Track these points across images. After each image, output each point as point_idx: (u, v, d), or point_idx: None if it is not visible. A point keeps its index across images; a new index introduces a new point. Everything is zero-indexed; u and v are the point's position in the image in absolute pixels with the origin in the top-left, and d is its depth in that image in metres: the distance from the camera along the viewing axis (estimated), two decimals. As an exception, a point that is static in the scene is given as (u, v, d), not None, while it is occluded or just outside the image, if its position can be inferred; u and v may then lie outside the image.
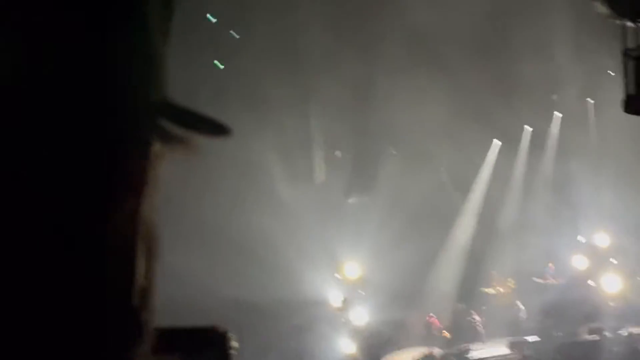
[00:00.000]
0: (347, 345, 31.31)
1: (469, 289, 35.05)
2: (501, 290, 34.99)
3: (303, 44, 32.74)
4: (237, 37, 32.91)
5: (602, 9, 15.93)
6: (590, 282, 34.89)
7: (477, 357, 31.81)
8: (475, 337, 32.72)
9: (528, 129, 37.18)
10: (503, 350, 31.98)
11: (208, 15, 31.95)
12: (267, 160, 33.24)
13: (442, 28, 32.58)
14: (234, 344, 1.95)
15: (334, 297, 33.56)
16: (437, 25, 32.32)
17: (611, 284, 34.34)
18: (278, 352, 29.83)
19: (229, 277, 29.81)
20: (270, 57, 32.29)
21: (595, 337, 32.43)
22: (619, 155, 34.96)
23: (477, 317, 33.10)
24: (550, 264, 35.59)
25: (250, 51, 31.88)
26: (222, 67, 32.80)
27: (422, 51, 32.84)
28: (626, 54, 15.87)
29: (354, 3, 32.68)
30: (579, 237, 37.00)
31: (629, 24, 16.03)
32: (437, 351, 31.61)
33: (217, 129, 1.87)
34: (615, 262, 35.64)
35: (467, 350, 31.85)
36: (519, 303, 33.64)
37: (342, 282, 34.38)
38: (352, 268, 34.80)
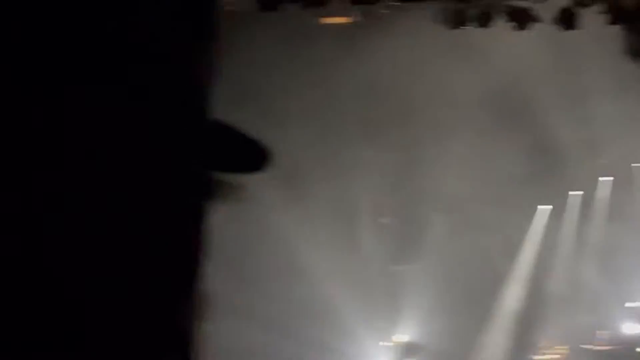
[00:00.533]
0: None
1: (518, 356, 34.60)
2: (551, 357, 34.54)
3: (343, 110, 32.70)
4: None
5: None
6: (638, 349, 34.49)
7: None
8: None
9: (575, 193, 36.82)
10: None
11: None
12: (309, 230, 33.09)
13: (484, 91, 32.53)
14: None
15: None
16: (479, 89, 32.27)
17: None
18: None
19: (265, 350, 29.61)
20: (310, 124, 32.25)
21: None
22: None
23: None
24: (600, 331, 35.12)
25: (289, 117, 31.84)
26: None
27: (466, 115, 32.75)
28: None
29: (396, 68, 32.60)
30: (628, 304, 36.53)
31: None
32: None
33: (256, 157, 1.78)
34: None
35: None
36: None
37: (389, 350, 34.02)
38: (399, 336, 34.56)
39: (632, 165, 36.45)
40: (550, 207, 36.73)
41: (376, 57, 31.71)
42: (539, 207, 36.75)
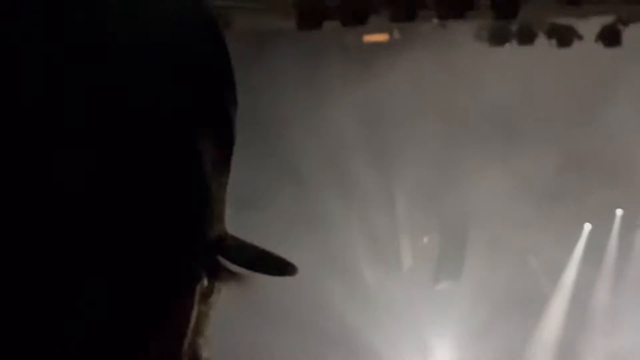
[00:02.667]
0: None
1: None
2: (594, 380, 33.95)
3: (384, 127, 32.55)
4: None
5: None
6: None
7: None
8: None
9: (619, 211, 36.31)
10: None
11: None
12: (352, 248, 32.98)
13: (529, 105, 32.28)
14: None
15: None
16: (525, 103, 32.03)
17: None
18: None
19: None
20: (354, 142, 32.14)
21: None
22: None
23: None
24: (643, 354, 34.50)
25: (334, 138, 31.77)
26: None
27: (508, 131, 32.45)
28: None
29: (436, 81, 32.40)
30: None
31: None
32: None
33: (283, 269, 1.71)
34: None
35: None
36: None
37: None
38: (441, 357, 34.31)
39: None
40: (591, 225, 36.33)
41: (416, 74, 31.50)
42: (586, 224, 36.34)
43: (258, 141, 29.63)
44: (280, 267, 1.67)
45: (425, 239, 35.73)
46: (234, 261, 1.62)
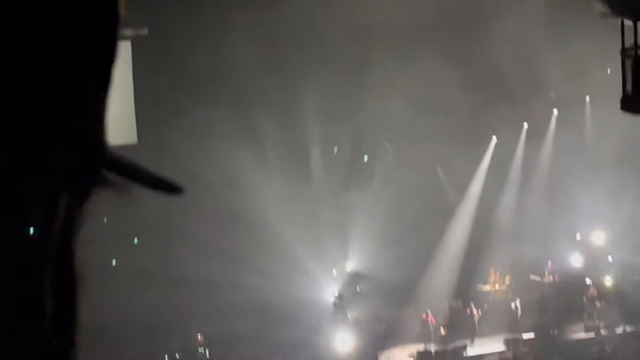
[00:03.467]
0: (345, 341, 31.28)
1: (465, 286, 34.99)
2: (497, 287, 34.94)
3: (293, 41, 32.76)
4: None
5: (601, 8, 15.88)
6: (587, 279, 34.86)
7: (472, 354, 31.83)
8: (471, 332, 32.73)
9: (525, 125, 37.12)
10: (498, 347, 31.99)
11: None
12: (263, 159, 33.43)
13: (441, 24, 32.74)
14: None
15: (331, 294, 33.62)
16: (434, 21, 32.48)
17: (607, 282, 34.42)
18: (280, 351, 29.86)
19: (227, 281, 29.96)
20: (262, 59, 32.45)
21: (590, 334, 32.48)
22: (614, 153, 35.02)
23: (475, 313, 33.06)
24: (549, 263, 35.54)
25: (240, 52, 32.02)
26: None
27: (418, 46, 32.86)
28: (624, 52, 15.83)
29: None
30: (577, 236, 36.99)
31: (627, 22, 15.99)
32: (433, 348, 31.62)
33: (168, 188, 1.86)
34: (611, 259, 35.67)
35: (464, 347, 31.88)
36: (516, 300, 33.58)
37: (339, 278, 34.46)
38: (348, 263, 35.03)
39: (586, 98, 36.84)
40: (496, 139, 37.08)
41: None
42: (493, 137, 37.05)
43: (163, 62, 30.14)
44: (166, 186, 1.85)
45: (335, 149, 36.12)
46: (116, 172, 1.77)
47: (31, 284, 1.69)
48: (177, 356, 30.71)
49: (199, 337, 31.77)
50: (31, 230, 1.70)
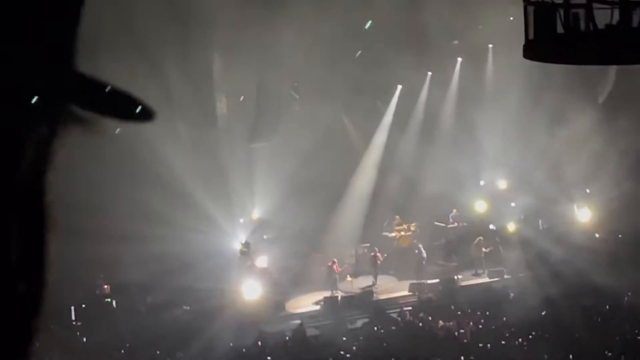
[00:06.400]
0: (251, 288, 31.43)
1: (371, 232, 35.33)
2: (403, 234, 35.32)
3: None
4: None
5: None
6: (491, 226, 35.41)
7: (378, 299, 32.25)
8: (374, 273, 33.16)
9: (429, 73, 37.40)
10: (403, 292, 32.44)
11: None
12: (169, 106, 33.24)
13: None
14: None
15: (238, 242, 33.72)
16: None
17: (510, 227, 35.03)
18: (186, 302, 29.96)
19: (133, 232, 29.87)
20: (168, 5, 32.26)
21: (495, 279, 33.06)
22: (517, 99, 35.51)
23: (379, 257, 33.38)
24: (454, 210, 35.99)
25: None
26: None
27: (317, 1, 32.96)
28: (526, 0, 15.99)
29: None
30: (481, 182, 37.48)
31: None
32: (339, 294, 31.94)
33: (137, 112, 1.81)
34: (513, 205, 36.26)
35: (370, 293, 32.28)
36: (420, 246, 33.97)
37: (246, 226, 34.56)
38: (255, 212, 35.17)
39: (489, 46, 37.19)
40: (401, 86, 37.35)
41: None
42: (398, 85, 37.28)
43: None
44: (133, 110, 1.77)
45: (241, 98, 36.09)
46: (82, 105, 1.68)
47: None
48: (84, 307, 30.57)
49: (106, 287, 31.68)
50: None
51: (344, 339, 28.25)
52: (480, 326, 28.29)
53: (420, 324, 29.04)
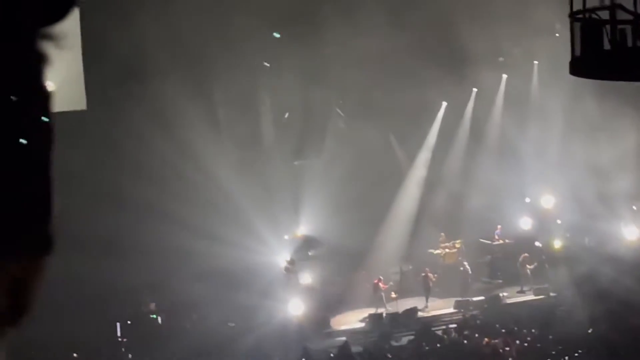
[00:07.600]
0: (296, 305, 31.44)
1: (416, 250, 35.24)
2: (448, 251, 35.20)
3: (244, 8, 32.71)
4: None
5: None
6: (537, 243, 35.20)
7: (423, 316, 32.13)
8: (426, 294, 33.02)
9: (474, 90, 37.32)
10: (448, 310, 32.33)
11: None
12: (214, 125, 33.45)
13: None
14: None
15: (283, 259, 33.74)
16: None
17: (556, 245, 34.81)
18: (231, 319, 30.00)
19: (178, 248, 30.02)
20: (213, 25, 32.42)
21: (540, 296, 32.89)
22: (561, 116, 35.36)
23: (431, 277, 33.27)
24: (498, 226, 35.83)
25: (192, 17, 31.97)
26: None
27: (372, 12, 32.97)
28: (573, 16, 15.93)
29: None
30: (526, 199, 37.29)
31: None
32: (384, 312, 31.88)
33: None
34: (559, 222, 36.03)
35: (415, 310, 32.16)
36: (465, 264, 33.88)
37: (291, 243, 34.56)
38: (300, 229, 35.18)
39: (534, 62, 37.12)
40: (446, 104, 37.33)
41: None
42: (443, 103, 37.26)
43: (113, 25, 29.98)
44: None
45: (286, 115, 36.19)
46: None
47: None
48: (129, 323, 30.69)
49: (151, 305, 31.78)
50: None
51: (389, 356, 28.18)
52: (526, 344, 28.08)
53: (465, 342, 28.90)
